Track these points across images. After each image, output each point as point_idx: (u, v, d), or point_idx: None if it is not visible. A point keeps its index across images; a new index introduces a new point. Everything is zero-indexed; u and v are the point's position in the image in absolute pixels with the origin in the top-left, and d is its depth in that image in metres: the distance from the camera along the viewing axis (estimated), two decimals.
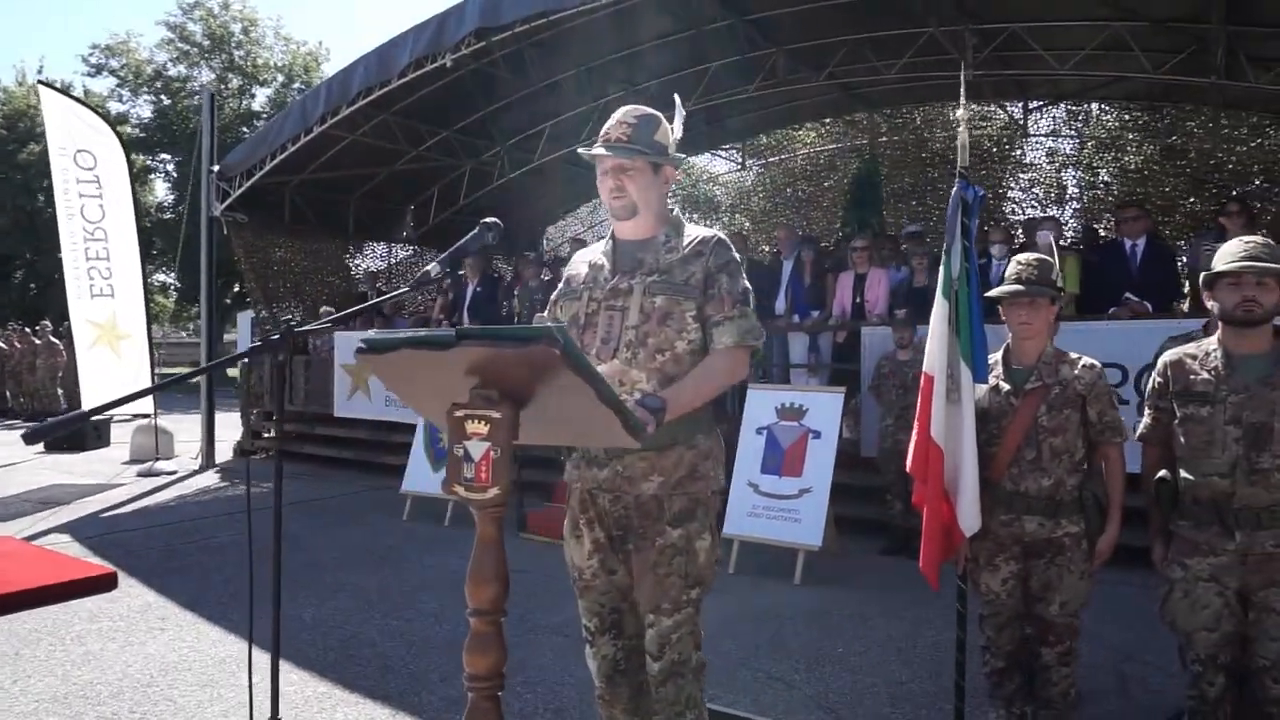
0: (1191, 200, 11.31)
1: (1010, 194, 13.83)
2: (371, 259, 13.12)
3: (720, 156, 13.97)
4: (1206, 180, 10.83)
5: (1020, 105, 11.83)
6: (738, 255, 2.24)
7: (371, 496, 8.55)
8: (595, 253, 2.33)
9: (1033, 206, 13.77)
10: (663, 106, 2.52)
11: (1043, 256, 3.13)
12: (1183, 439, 2.72)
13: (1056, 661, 2.94)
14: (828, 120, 12.75)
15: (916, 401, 3.10)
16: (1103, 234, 10.07)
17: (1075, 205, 13.51)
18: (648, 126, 2.23)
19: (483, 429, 1.70)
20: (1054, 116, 12.75)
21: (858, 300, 7.21)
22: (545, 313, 2.43)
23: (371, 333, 1.85)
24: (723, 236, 2.24)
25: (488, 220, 2.17)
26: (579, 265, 2.33)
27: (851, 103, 11.59)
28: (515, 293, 9.79)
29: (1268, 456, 2.55)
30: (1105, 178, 12.37)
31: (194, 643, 4.46)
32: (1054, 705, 2.96)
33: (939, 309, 3.05)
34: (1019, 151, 13.72)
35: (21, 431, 1.81)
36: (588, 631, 2.32)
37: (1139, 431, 2.92)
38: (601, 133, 2.27)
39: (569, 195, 14.58)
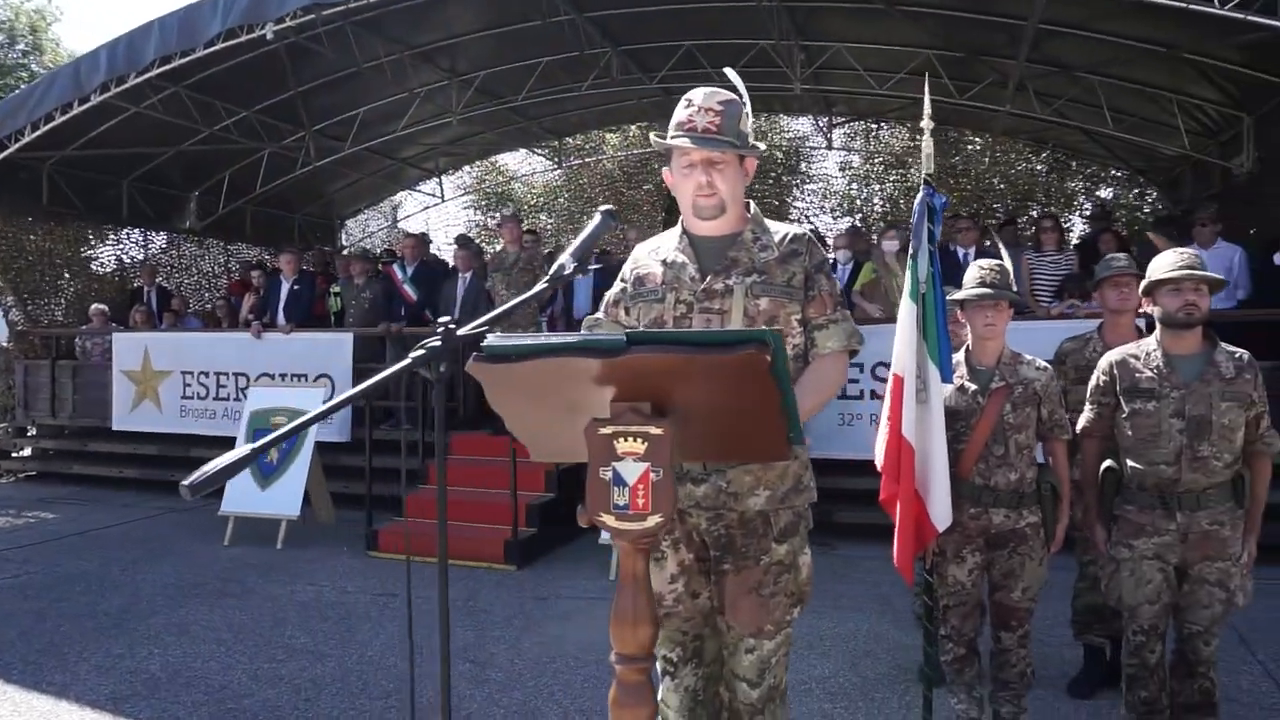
0: (966, 214, 12.65)
1: (798, 203, 14.80)
2: (130, 246, 11.42)
3: (537, 154, 13.73)
4: (984, 197, 12.17)
5: (824, 120, 12.62)
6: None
7: (175, 520, 7.50)
8: (667, 250, 2.12)
9: (819, 215, 14.83)
10: (485, 98, 2.34)
11: (1002, 262, 3.30)
12: (1130, 431, 2.96)
13: (1016, 644, 3.11)
14: (644, 124, 12.92)
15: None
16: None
17: (859, 217, 14.70)
18: (734, 114, 2.05)
19: (638, 447, 1.47)
20: (842, 133, 13.77)
21: None
22: (601, 314, 2.19)
23: (493, 338, 1.54)
24: (811, 234, 2.13)
25: (609, 208, 1.91)
26: (650, 264, 2.11)
27: (672, 108, 11.82)
28: (333, 290, 9.02)
29: (1206, 445, 2.84)
30: (892, 192, 13.56)
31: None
32: (1012, 685, 3.12)
33: (907, 312, 3.11)
34: (805, 164, 14.71)
35: (185, 482, 1.34)
36: (668, 663, 2.10)
37: (1080, 425, 3.16)
38: (681, 120, 2.05)
39: (374, 188, 13.72)
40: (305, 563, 6.08)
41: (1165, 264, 2.96)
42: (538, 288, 1.78)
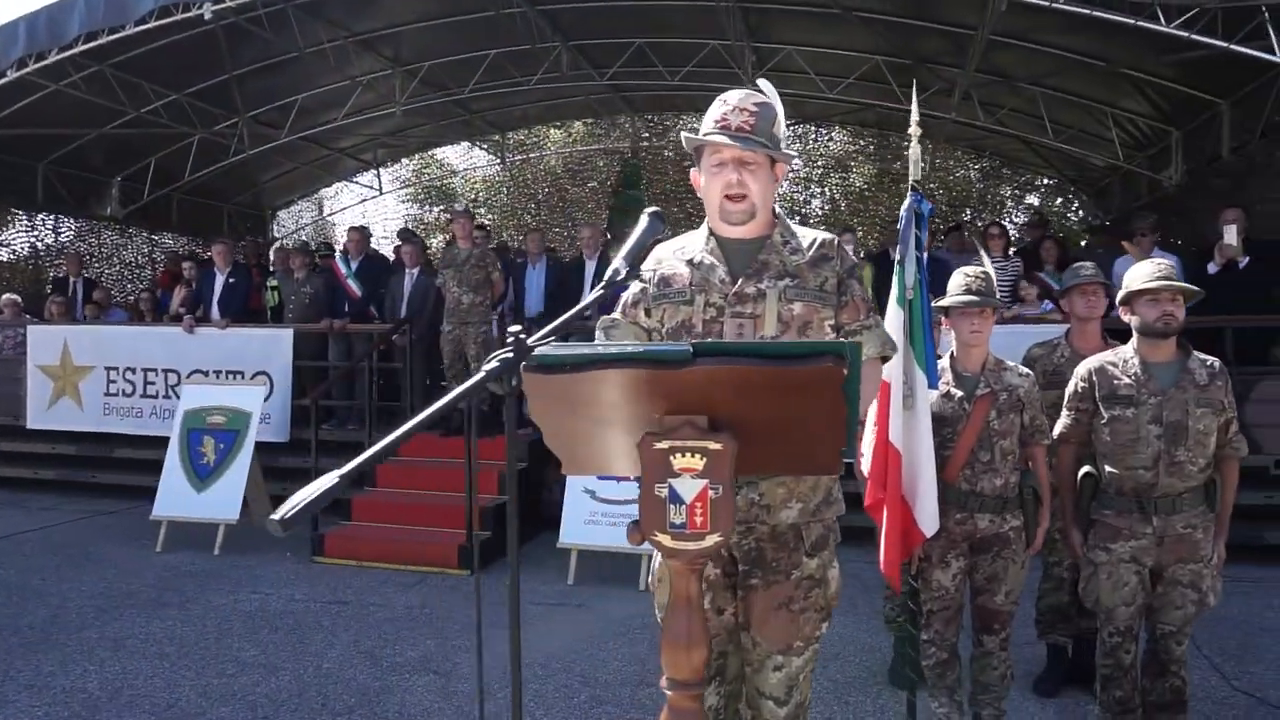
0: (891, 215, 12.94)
1: None
2: (46, 233, 10.78)
3: (480, 148, 13.47)
4: (935, 200, 12.42)
5: None
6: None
7: (100, 525, 7.09)
8: (694, 250, 2.04)
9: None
10: (428, 89, 2.23)
11: (986, 269, 3.32)
12: (1108, 437, 3.01)
13: (998, 647, 3.13)
14: (590, 120, 12.83)
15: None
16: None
17: (798, 220, 14.92)
18: (768, 116, 1.98)
19: (697, 464, 1.39)
20: (785, 136, 13.94)
21: None
22: (619, 314, 2.09)
23: (548, 346, 1.43)
24: (837, 238, 2.07)
25: (656, 210, 1.81)
26: (675, 264, 2.02)
27: (619, 105, 11.75)
28: (270, 284, 8.67)
29: (1183, 450, 2.91)
30: (834, 195, 13.77)
31: None
32: (993, 688, 3.15)
33: (894, 318, 3.11)
34: None
35: (276, 516, 1.19)
36: None
37: (1057, 431, 3.21)
38: (715, 118, 1.97)
39: (308, 178, 13.28)
40: (246, 570, 5.80)
41: (1143, 274, 3.02)
42: (594, 294, 1.66)
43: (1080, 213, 12.60)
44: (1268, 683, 4.00)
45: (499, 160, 13.55)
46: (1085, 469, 3.13)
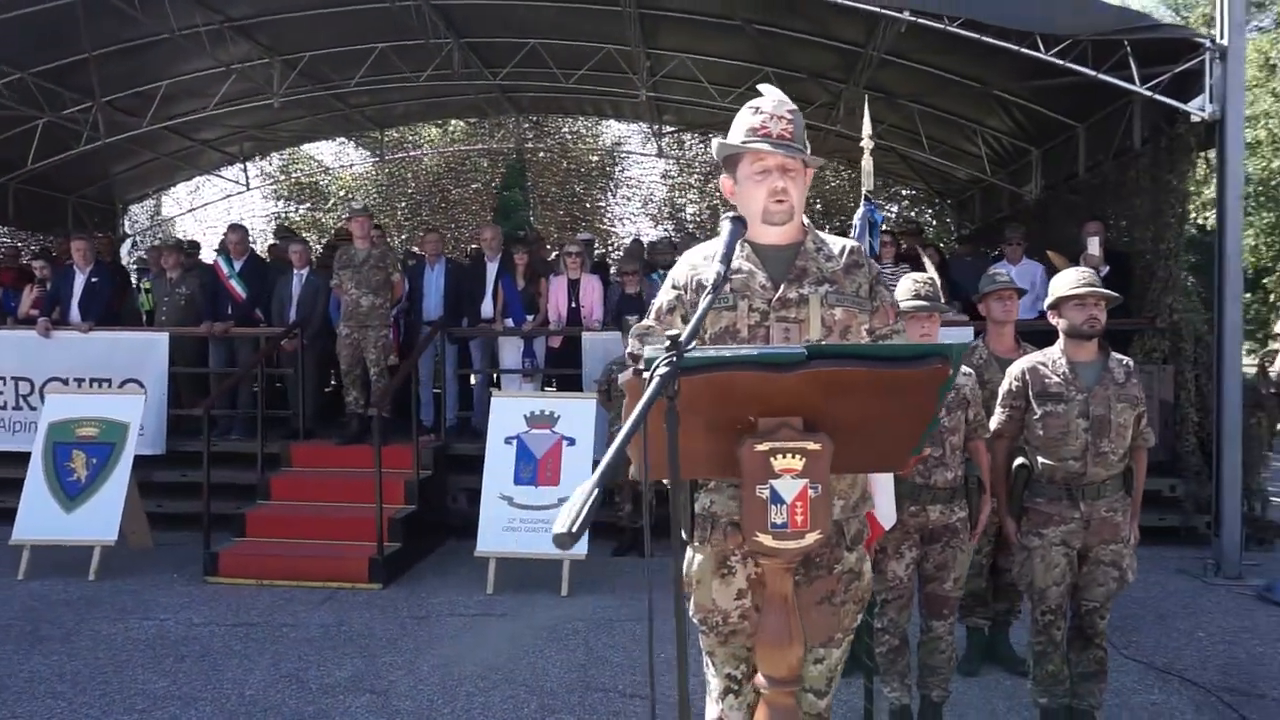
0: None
1: (614, 208, 15.02)
2: None
3: (361, 145, 12.95)
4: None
5: (654, 127, 12.85)
6: None
7: None
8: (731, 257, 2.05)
9: (637, 220, 15.15)
10: (307, 80, 2.15)
11: (932, 275, 3.50)
12: (1041, 431, 3.26)
13: (946, 632, 3.32)
14: (472, 120, 12.58)
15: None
16: None
17: (673, 225, 15.17)
18: (800, 124, 2.02)
19: (797, 464, 1.41)
20: (664, 142, 14.11)
21: (573, 305, 7.24)
22: (651, 321, 2.06)
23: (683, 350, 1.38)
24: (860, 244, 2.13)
25: (738, 215, 1.78)
26: (709, 270, 2.02)
27: (506, 105, 11.58)
28: (143, 285, 8.02)
29: (1106, 442, 3.19)
30: (713, 201, 14.09)
31: None
32: (940, 671, 3.34)
33: None
34: (621, 169, 14.99)
35: (562, 529, 1.15)
36: (732, 680, 2.02)
37: (993, 426, 3.43)
38: (753, 125, 1.98)
39: (167, 170, 12.34)
40: (131, 594, 5.34)
41: (1069, 282, 3.28)
42: (704, 303, 1.63)
43: (937, 220, 13.47)
44: (1150, 649, 4.41)
45: (376, 157, 13.06)
46: (1019, 461, 3.37)
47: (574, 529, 1.15)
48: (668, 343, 1.31)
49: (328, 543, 5.91)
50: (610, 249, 13.34)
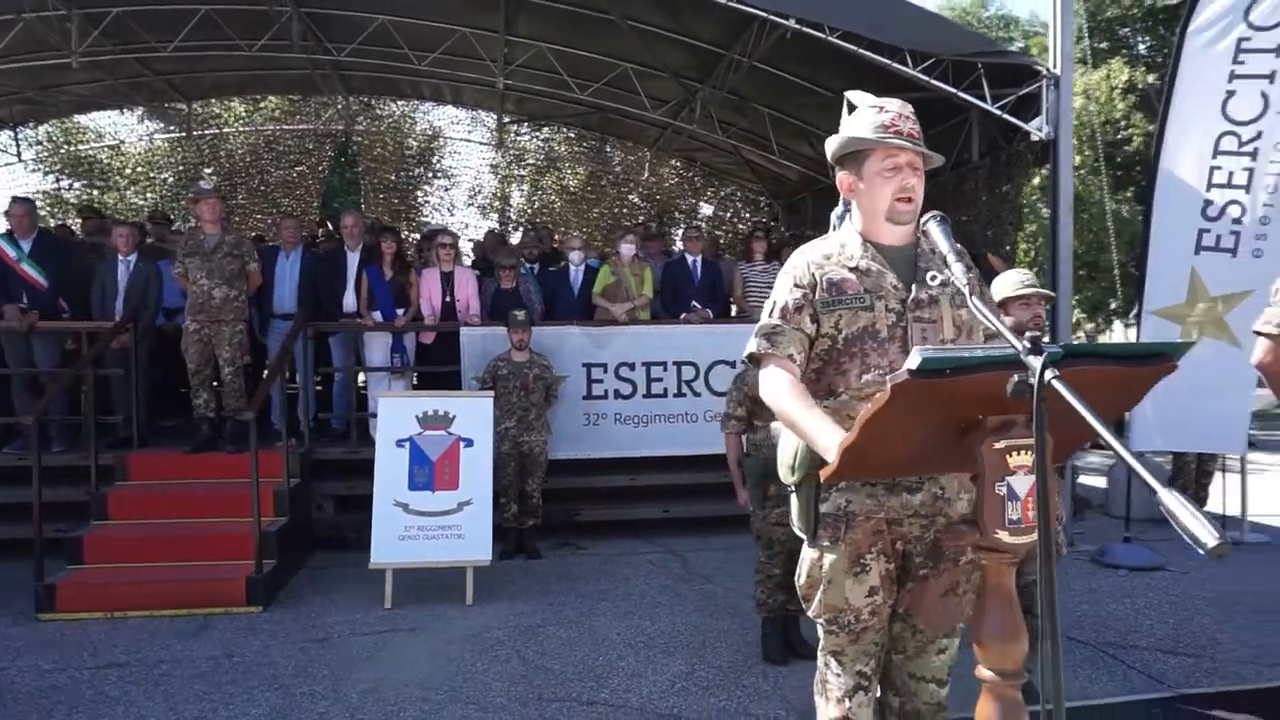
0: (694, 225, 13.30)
1: (430, 198, 14.51)
2: None
3: (160, 117, 11.56)
4: (639, 206, 13.07)
5: (496, 117, 12.51)
6: None
7: None
8: (853, 257, 2.03)
9: (464, 211, 14.73)
10: (109, 40, 2.02)
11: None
12: None
13: None
14: (295, 97, 11.62)
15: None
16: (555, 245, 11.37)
17: (496, 216, 14.89)
18: (919, 128, 2.04)
19: (1028, 460, 1.41)
20: (490, 131, 13.76)
21: (447, 299, 6.90)
22: (777, 320, 1.97)
23: (930, 351, 1.32)
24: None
25: (942, 214, 1.71)
26: (840, 271, 1.99)
27: (337, 84, 10.80)
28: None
29: None
30: (549, 194, 13.94)
31: None
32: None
33: None
34: (439, 158, 14.51)
35: (1212, 543, 0.85)
36: (863, 678, 1.98)
37: None
38: (882, 123, 1.96)
39: None
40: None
41: (1013, 282, 3.56)
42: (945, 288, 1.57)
43: (763, 220, 14.14)
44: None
45: (178, 132, 11.72)
46: None
47: (1222, 539, 1.00)
48: (1026, 345, 1.28)
49: (190, 564, 5.27)
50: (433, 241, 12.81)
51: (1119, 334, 23.19)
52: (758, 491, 4.16)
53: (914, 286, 1.98)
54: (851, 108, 2.16)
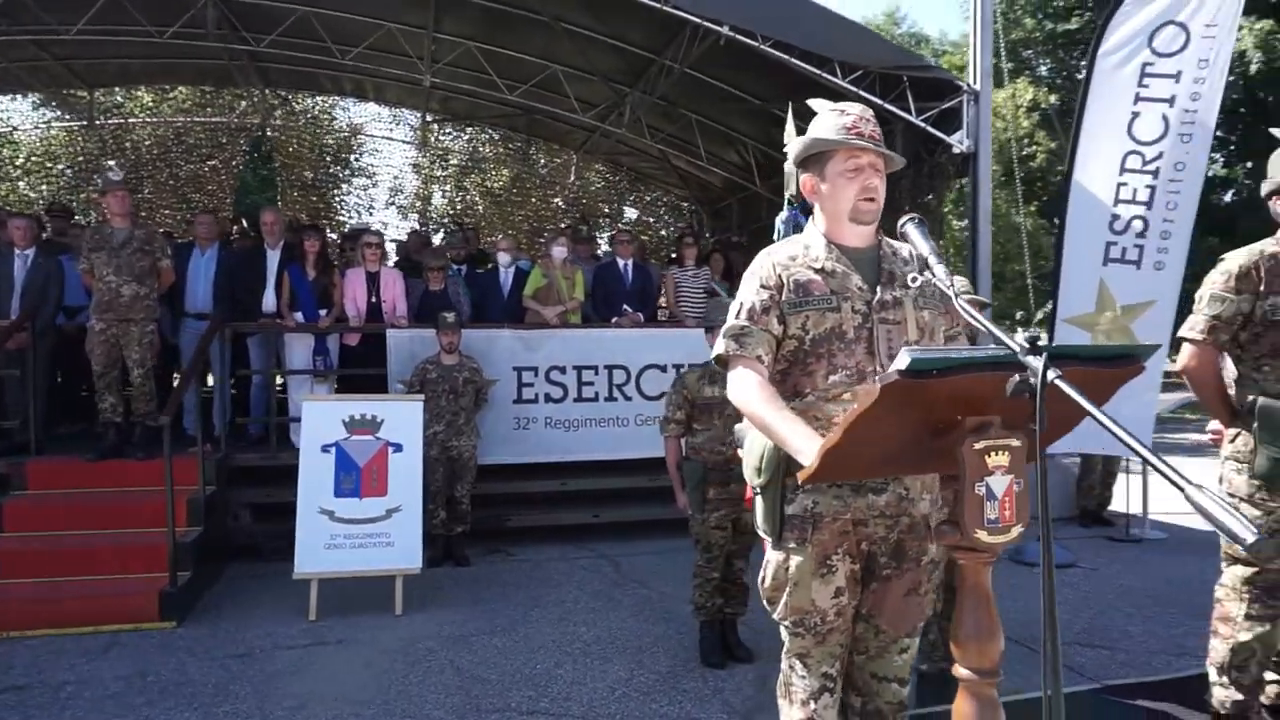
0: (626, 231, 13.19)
1: (348, 196, 14.17)
2: None
3: (58, 105, 10.89)
4: (566, 209, 12.99)
5: (420, 115, 12.25)
6: None
7: None
8: (818, 259, 2.02)
9: (385, 210, 14.42)
10: (4, 21, 2.05)
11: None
12: None
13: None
14: (208, 89, 11.13)
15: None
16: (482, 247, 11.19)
17: (417, 217, 14.62)
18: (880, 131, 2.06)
19: (1004, 460, 1.43)
20: (411, 130, 13.49)
21: (373, 300, 6.70)
22: (745, 321, 1.95)
23: (918, 352, 1.32)
24: None
25: (919, 216, 1.69)
26: (805, 272, 1.99)
27: (253, 76, 10.40)
28: None
29: None
30: (472, 195, 13.73)
31: None
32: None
33: None
34: (355, 156, 14.18)
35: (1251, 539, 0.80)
36: (828, 679, 1.97)
37: None
38: (844, 125, 1.97)
39: None
40: None
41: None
42: (956, 285, 1.57)
43: (687, 225, 14.25)
44: None
45: (82, 122, 11.07)
46: None
47: (1263, 538, 0.99)
48: (1023, 345, 1.29)
49: (96, 578, 4.96)
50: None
51: None
52: (697, 495, 4.17)
53: (879, 288, 2.01)
54: (801, 115, 2.19)
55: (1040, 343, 1.24)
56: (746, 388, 1.94)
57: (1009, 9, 20.00)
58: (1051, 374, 1.19)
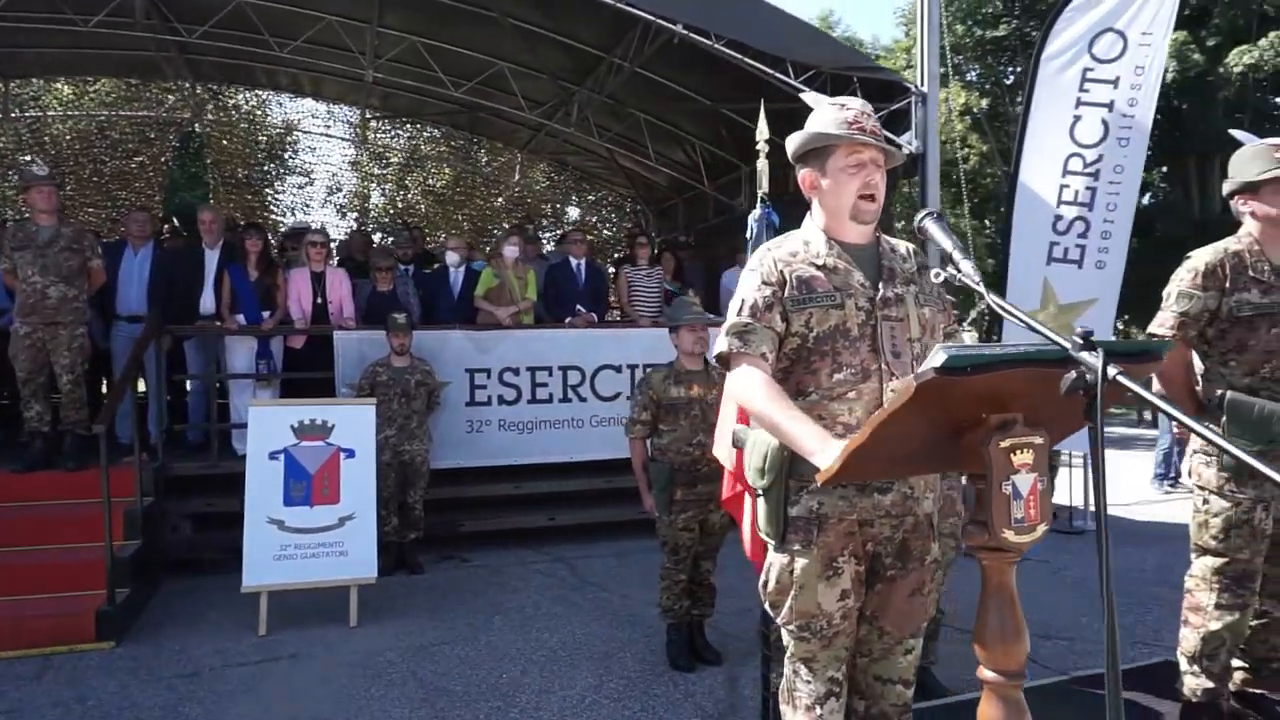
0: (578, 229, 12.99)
1: (281, 195, 13.75)
2: None
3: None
4: (509, 208, 12.81)
5: (360, 112, 11.92)
6: None
7: None
8: (818, 255, 1.98)
9: (322, 209, 14.02)
10: None
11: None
12: None
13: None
14: (133, 82, 10.62)
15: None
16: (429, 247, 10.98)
17: (355, 216, 14.27)
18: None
19: (1029, 459, 1.41)
20: (350, 128, 13.13)
21: (319, 301, 6.48)
22: (747, 318, 1.88)
23: (954, 349, 1.28)
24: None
25: (939, 211, 1.64)
26: (807, 269, 1.94)
27: (183, 68, 9.96)
28: None
29: None
30: (414, 193, 13.43)
31: None
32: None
33: None
34: (291, 153, 13.78)
35: None
36: (834, 684, 1.92)
37: None
38: (845, 120, 1.92)
39: None
40: None
41: None
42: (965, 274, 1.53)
43: (630, 223, 14.19)
44: None
45: None
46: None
47: None
48: (1076, 341, 1.25)
49: (25, 598, 4.68)
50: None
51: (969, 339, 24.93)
52: (664, 496, 4.12)
53: (880, 285, 1.99)
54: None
55: (1093, 338, 1.22)
56: (751, 386, 1.89)
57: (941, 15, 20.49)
58: (1112, 370, 1.17)
